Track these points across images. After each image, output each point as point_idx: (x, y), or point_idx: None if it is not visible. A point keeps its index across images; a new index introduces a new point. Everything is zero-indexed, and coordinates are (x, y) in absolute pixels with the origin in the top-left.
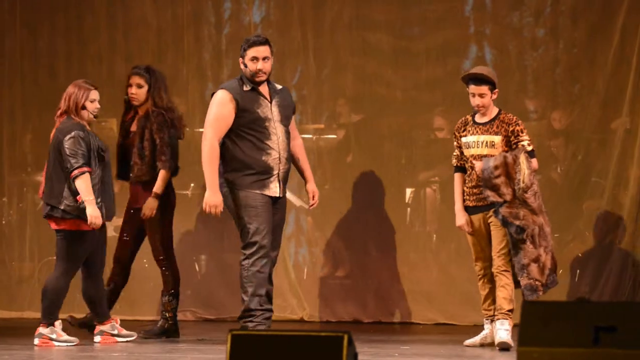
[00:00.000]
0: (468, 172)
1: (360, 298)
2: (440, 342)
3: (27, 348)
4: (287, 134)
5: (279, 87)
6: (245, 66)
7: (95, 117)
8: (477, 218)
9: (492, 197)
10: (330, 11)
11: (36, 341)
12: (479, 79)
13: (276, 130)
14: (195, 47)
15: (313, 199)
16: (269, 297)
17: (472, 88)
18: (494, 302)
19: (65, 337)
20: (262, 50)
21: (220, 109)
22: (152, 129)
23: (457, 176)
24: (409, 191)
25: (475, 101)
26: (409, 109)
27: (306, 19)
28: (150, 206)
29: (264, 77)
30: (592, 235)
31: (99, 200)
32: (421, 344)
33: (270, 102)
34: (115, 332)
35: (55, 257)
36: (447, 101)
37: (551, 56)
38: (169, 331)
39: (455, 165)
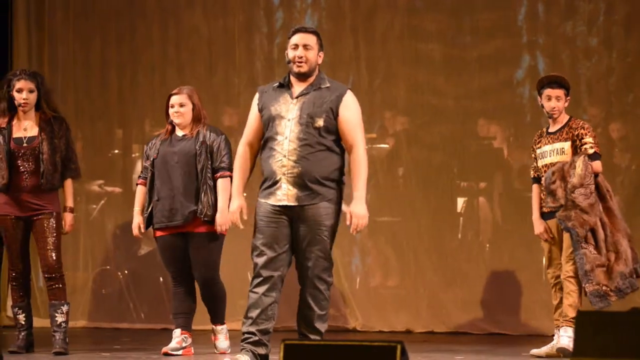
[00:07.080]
0: (543, 181)
1: (413, 307)
2: (493, 353)
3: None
4: (307, 134)
5: (328, 85)
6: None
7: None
8: (552, 224)
9: (550, 202)
10: (381, 21)
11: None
12: (557, 82)
13: (285, 129)
14: (247, 57)
15: (349, 222)
16: (264, 319)
17: (549, 91)
18: None
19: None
20: (304, 38)
21: (251, 110)
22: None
23: (534, 187)
24: (461, 201)
25: (551, 104)
26: (461, 118)
27: (358, 28)
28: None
29: (304, 67)
30: None
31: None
32: (474, 355)
33: (295, 99)
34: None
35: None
36: (499, 110)
37: (605, 66)
38: None
39: (532, 177)
